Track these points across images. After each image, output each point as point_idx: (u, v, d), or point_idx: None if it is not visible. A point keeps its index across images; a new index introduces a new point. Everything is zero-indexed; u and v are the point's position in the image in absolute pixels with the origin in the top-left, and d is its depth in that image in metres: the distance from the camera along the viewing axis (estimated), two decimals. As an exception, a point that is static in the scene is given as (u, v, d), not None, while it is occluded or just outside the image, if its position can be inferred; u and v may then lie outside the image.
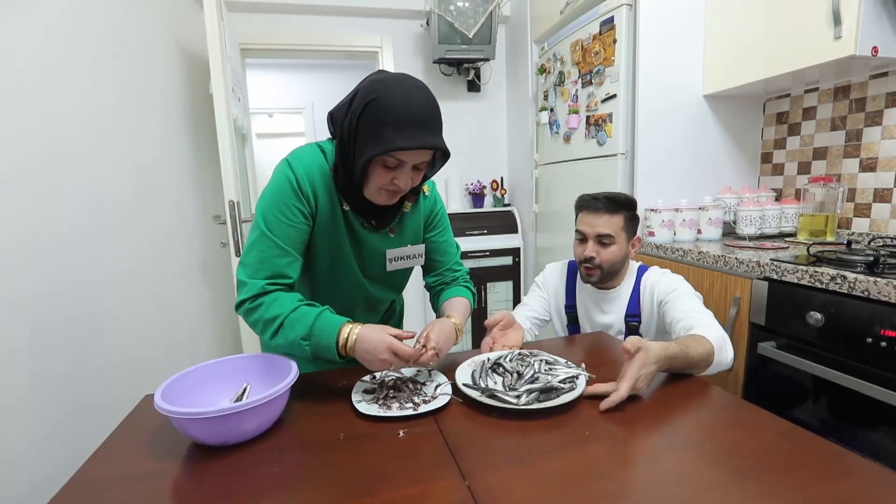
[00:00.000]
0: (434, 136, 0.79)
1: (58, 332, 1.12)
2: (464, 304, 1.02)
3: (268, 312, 0.81)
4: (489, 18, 2.55)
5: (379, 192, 0.84)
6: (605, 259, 1.23)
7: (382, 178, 0.81)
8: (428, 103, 0.79)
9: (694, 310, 1.11)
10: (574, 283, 1.38)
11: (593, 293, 1.33)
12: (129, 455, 0.68)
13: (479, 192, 2.95)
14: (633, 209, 1.26)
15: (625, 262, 1.28)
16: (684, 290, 1.18)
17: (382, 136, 0.76)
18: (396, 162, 0.79)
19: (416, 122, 0.76)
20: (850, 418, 1.12)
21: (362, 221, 0.92)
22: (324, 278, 0.95)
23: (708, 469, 0.60)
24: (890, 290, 0.99)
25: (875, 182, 1.57)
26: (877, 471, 0.57)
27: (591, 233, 1.23)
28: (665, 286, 1.21)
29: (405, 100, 0.76)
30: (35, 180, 1.08)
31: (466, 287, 1.10)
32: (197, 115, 2.14)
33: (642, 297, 1.26)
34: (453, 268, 1.11)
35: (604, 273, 1.24)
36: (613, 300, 1.30)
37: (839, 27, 1.31)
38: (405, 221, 0.98)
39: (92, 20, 1.37)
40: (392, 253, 0.97)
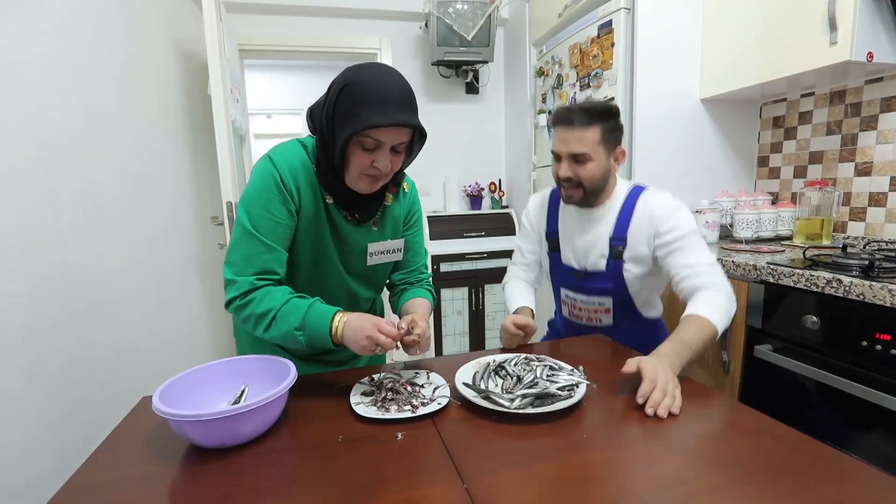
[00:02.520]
0: (409, 114, 0.80)
1: (54, 331, 1.12)
2: (427, 307, 1.02)
3: (260, 307, 0.82)
4: (488, 21, 2.56)
5: (360, 177, 0.84)
6: (583, 177, 1.09)
7: (362, 160, 0.82)
8: (402, 84, 0.81)
9: (700, 263, 1.03)
10: (556, 207, 1.26)
11: (576, 213, 1.20)
12: (127, 458, 0.68)
13: (477, 194, 2.95)
14: (612, 118, 1.10)
15: (608, 178, 1.13)
16: (690, 235, 1.07)
17: (358, 116, 0.77)
18: (374, 143, 0.80)
19: (391, 100, 0.78)
20: (846, 421, 1.12)
21: (345, 215, 0.92)
22: (306, 275, 0.95)
23: (705, 473, 0.60)
24: (885, 294, 1.00)
25: (870, 186, 1.59)
26: (873, 474, 0.58)
27: (565, 151, 1.10)
28: (667, 218, 1.08)
29: (379, 81, 0.78)
30: (31, 180, 1.08)
31: (429, 290, 1.09)
32: (195, 115, 2.14)
33: (634, 220, 1.12)
34: (420, 269, 1.11)
35: (586, 191, 1.12)
36: (598, 219, 1.16)
37: (835, 33, 1.33)
38: (387, 215, 0.99)
39: (90, 21, 1.37)
40: (374, 247, 0.97)
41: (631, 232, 1.13)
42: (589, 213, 1.17)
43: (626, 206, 1.14)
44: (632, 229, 1.12)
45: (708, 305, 0.96)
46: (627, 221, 1.13)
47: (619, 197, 1.16)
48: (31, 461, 1.02)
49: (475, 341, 2.82)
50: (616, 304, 1.18)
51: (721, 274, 1.03)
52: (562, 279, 1.26)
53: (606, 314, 1.20)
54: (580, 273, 1.20)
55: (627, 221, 1.13)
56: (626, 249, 1.13)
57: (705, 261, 1.04)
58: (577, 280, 1.21)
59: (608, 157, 1.11)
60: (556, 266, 1.26)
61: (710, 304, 0.96)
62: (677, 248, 1.06)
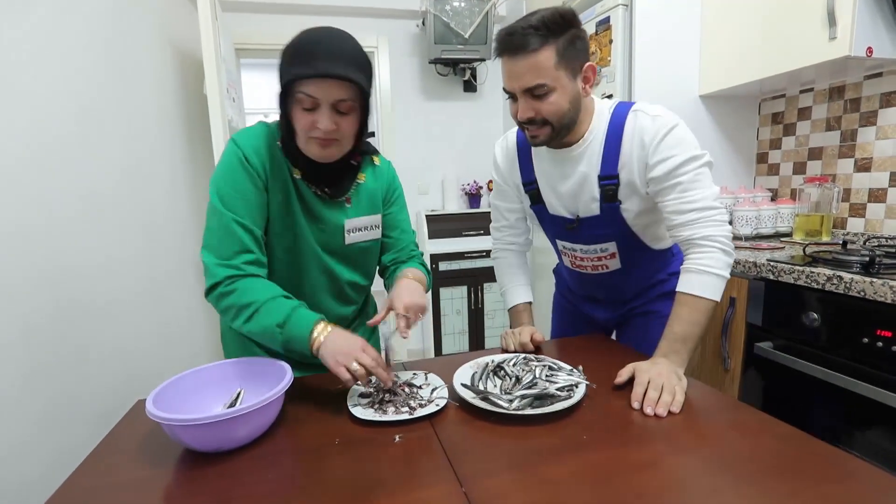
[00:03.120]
0: (339, 65, 0.76)
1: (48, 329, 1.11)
2: (417, 274, 0.99)
3: (243, 298, 0.79)
4: (485, 18, 2.55)
5: (308, 141, 0.82)
6: (548, 112, 0.88)
7: (303, 121, 0.80)
8: (340, 40, 0.78)
9: (693, 206, 0.88)
10: (527, 152, 1.06)
11: (552, 155, 1.00)
12: (121, 462, 0.67)
13: (475, 193, 2.94)
14: (567, 29, 0.84)
15: (579, 107, 0.91)
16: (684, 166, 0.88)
17: (288, 70, 0.77)
18: (310, 100, 0.78)
19: (318, 53, 0.76)
20: (848, 419, 1.12)
21: (315, 190, 0.90)
22: (284, 257, 0.92)
23: (706, 474, 0.59)
24: (886, 291, 0.99)
25: (870, 182, 1.58)
26: (876, 473, 0.57)
27: (517, 87, 0.87)
28: (656, 146, 0.89)
29: (309, 37, 0.77)
30: (25, 178, 1.07)
31: (423, 265, 1.07)
32: (191, 115, 2.13)
33: (624, 150, 0.92)
34: (410, 247, 1.08)
35: (555, 129, 0.90)
36: (578, 158, 0.96)
37: (834, 28, 1.32)
38: (361, 191, 0.97)
39: (85, 19, 1.36)
40: (350, 223, 0.95)
41: (622, 165, 0.93)
42: (566, 154, 0.97)
43: (612, 134, 0.93)
44: (623, 161, 0.93)
45: (699, 276, 0.87)
46: (615, 154, 0.93)
47: (600, 125, 0.94)
48: (24, 463, 1.01)
49: (474, 340, 2.81)
50: (621, 247, 1.03)
51: (716, 218, 0.88)
52: (555, 231, 1.10)
53: (612, 259, 1.05)
54: (573, 222, 1.02)
55: (615, 154, 0.93)
56: (621, 188, 0.94)
57: (699, 204, 0.88)
58: (571, 231, 1.04)
59: (573, 80, 0.87)
60: (544, 219, 1.09)
61: (701, 271, 0.87)
62: (668, 185, 0.89)
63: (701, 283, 0.87)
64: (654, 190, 0.92)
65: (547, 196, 1.05)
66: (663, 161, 0.89)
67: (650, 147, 0.89)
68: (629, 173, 0.93)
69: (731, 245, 0.89)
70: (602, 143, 0.94)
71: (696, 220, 0.89)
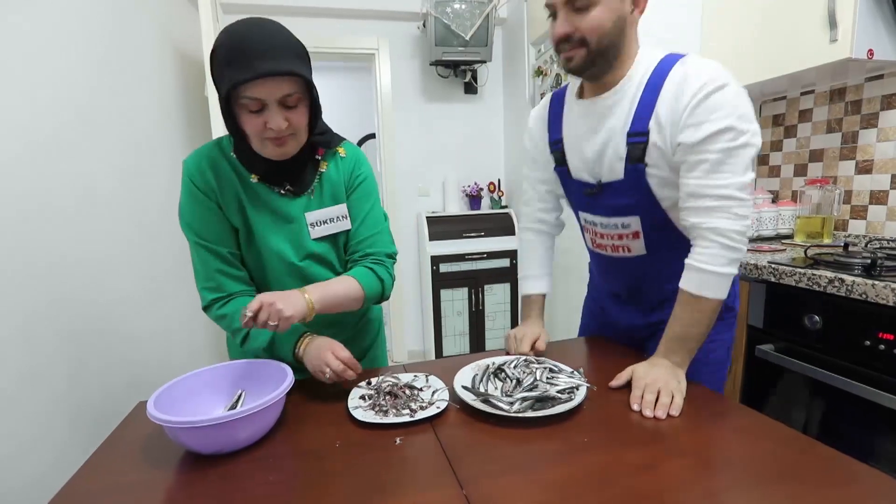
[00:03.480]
0: (279, 62, 0.73)
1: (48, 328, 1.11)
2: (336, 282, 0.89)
3: (233, 324, 0.87)
4: (486, 20, 2.55)
5: (262, 142, 0.80)
6: (587, 29, 0.78)
7: (253, 124, 0.77)
8: (270, 33, 0.74)
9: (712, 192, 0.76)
10: (559, 109, 0.98)
11: (582, 109, 0.91)
12: (122, 464, 0.67)
13: (476, 195, 2.94)
14: None
15: (622, 34, 0.81)
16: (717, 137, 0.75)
17: (225, 76, 0.73)
18: (256, 102, 0.75)
19: (251, 52, 0.72)
20: (850, 422, 1.11)
21: (278, 190, 0.88)
22: (254, 266, 0.92)
23: (706, 477, 0.59)
24: (888, 293, 0.99)
25: (871, 184, 1.58)
26: (878, 477, 0.57)
27: None
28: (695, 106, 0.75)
29: (241, 35, 0.73)
30: (26, 178, 1.07)
31: (370, 269, 0.93)
32: (192, 116, 2.13)
33: (661, 103, 0.79)
34: (367, 242, 0.96)
35: (591, 51, 0.80)
36: (609, 110, 0.85)
37: (835, 30, 1.32)
38: (324, 182, 0.92)
39: (86, 20, 1.36)
40: (313, 216, 0.90)
41: (656, 119, 0.80)
42: (597, 105, 0.87)
43: (651, 85, 0.81)
44: (657, 114, 0.80)
45: (699, 274, 0.80)
46: (650, 108, 0.80)
47: (641, 73, 0.83)
48: (25, 466, 1.01)
49: (475, 342, 2.81)
50: (646, 225, 0.90)
51: (735, 211, 0.77)
52: (577, 200, 1.00)
53: (635, 240, 0.92)
54: (594, 187, 0.91)
55: (650, 108, 0.80)
56: (649, 148, 0.81)
57: (722, 191, 0.76)
58: (591, 197, 0.93)
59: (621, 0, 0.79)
60: (567, 185, 1.00)
61: (700, 269, 0.79)
62: (693, 160, 0.77)
63: (700, 281, 0.80)
64: (680, 160, 0.80)
65: (570, 156, 0.95)
66: (695, 126, 0.76)
67: (687, 105, 0.76)
68: (659, 132, 0.80)
69: (742, 240, 0.79)
70: (638, 94, 0.82)
71: (710, 209, 0.77)
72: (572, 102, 0.94)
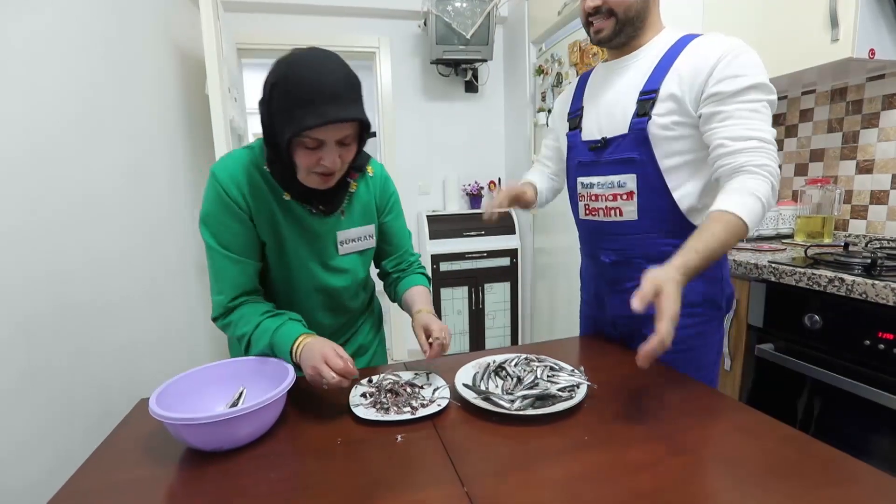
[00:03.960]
0: (346, 108, 0.74)
1: (48, 330, 1.11)
2: (425, 293, 1.03)
3: (237, 331, 0.87)
4: (487, 19, 2.55)
5: (309, 175, 0.81)
6: (615, 1, 0.88)
7: (308, 160, 0.78)
8: (335, 74, 0.74)
9: (752, 136, 0.80)
10: (586, 79, 1.06)
11: (606, 69, 0.99)
12: (124, 461, 0.67)
13: (476, 193, 2.95)
14: None
15: (647, 6, 0.90)
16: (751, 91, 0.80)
17: (292, 118, 0.73)
18: (315, 142, 0.76)
19: (324, 97, 0.72)
20: (850, 421, 1.12)
21: (309, 208, 0.89)
22: (278, 278, 0.93)
23: (706, 475, 0.59)
24: (888, 293, 0.99)
25: (871, 184, 1.58)
26: (878, 476, 0.57)
27: None
28: (727, 63, 0.81)
29: (310, 76, 0.73)
30: (25, 178, 1.07)
31: (423, 274, 1.10)
32: (192, 115, 2.13)
33: (678, 65, 0.86)
34: (409, 253, 1.10)
35: (619, 20, 0.89)
36: (628, 67, 0.94)
37: (836, 29, 1.32)
38: (354, 202, 0.96)
39: (86, 19, 1.36)
40: (343, 235, 0.95)
41: (675, 74, 0.86)
42: (618, 64, 0.95)
43: (671, 52, 0.88)
44: (677, 69, 0.86)
45: (743, 196, 0.77)
46: (666, 70, 0.87)
47: (664, 42, 0.91)
48: (26, 464, 1.01)
49: (475, 340, 2.82)
50: (641, 184, 0.92)
51: (775, 157, 0.81)
52: (578, 163, 1.04)
53: (628, 201, 0.94)
54: (599, 142, 0.96)
55: (666, 70, 0.87)
56: (658, 101, 0.87)
57: (759, 135, 0.80)
58: (593, 153, 0.98)
59: None
60: (573, 147, 1.05)
61: (749, 193, 0.77)
62: (729, 109, 0.81)
63: (744, 203, 0.76)
64: (712, 110, 0.82)
65: (586, 117, 1.01)
66: (735, 77, 0.80)
67: (721, 59, 0.81)
68: (677, 84, 0.85)
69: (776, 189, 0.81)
70: (656, 60, 0.89)
71: (755, 149, 0.79)
72: (598, 71, 1.03)
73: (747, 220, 0.76)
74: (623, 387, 0.83)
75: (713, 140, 0.83)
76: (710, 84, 0.82)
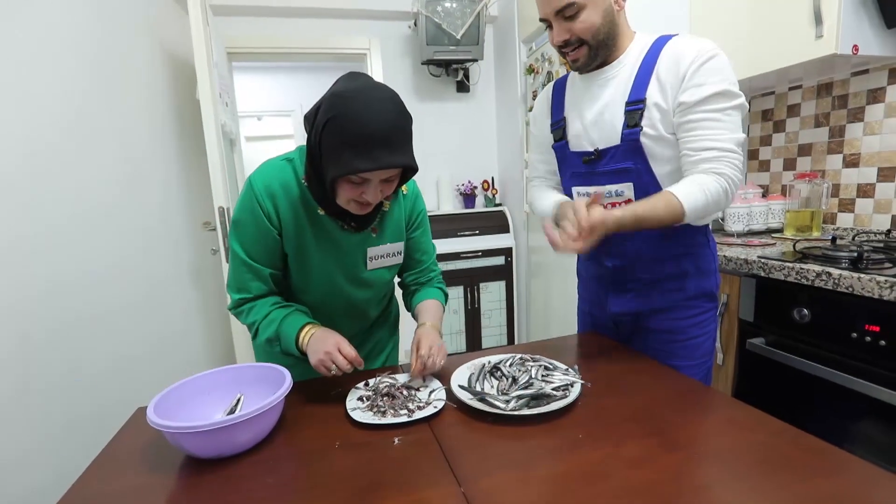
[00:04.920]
0: (396, 154, 0.76)
1: (45, 339, 1.11)
2: (436, 307, 1.06)
3: (248, 319, 0.92)
4: (477, 19, 2.55)
5: (349, 203, 0.83)
6: (581, 31, 0.89)
7: (351, 193, 0.81)
8: (388, 119, 0.75)
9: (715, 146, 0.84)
10: (562, 90, 1.06)
11: (584, 82, 0.99)
12: (123, 470, 0.68)
13: (470, 193, 2.95)
14: None
15: (613, 24, 0.91)
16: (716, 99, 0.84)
17: (342, 157, 0.75)
18: (361, 179, 0.79)
19: (376, 141, 0.74)
20: (839, 412, 1.14)
21: (342, 224, 0.91)
22: (300, 287, 0.96)
23: (699, 470, 0.60)
24: (873, 286, 1.01)
25: (858, 178, 1.60)
26: (866, 467, 0.59)
27: (549, 12, 0.90)
28: (695, 70, 0.84)
29: (365, 118, 0.73)
30: (18, 186, 1.07)
31: (440, 289, 1.13)
32: (183, 120, 2.12)
33: (658, 72, 0.88)
34: (431, 267, 1.13)
35: (592, 48, 0.91)
36: (608, 81, 0.95)
37: (821, 26, 1.34)
38: (386, 220, 0.98)
39: (75, 25, 1.36)
40: (373, 251, 0.97)
41: (656, 80, 0.89)
42: (597, 76, 0.96)
43: (647, 60, 0.91)
44: (657, 76, 0.88)
45: (691, 187, 0.84)
46: (647, 79, 0.89)
47: (637, 51, 0.93)
48: (26, 474, 1.01)
49: (471, 340, 2.83)
50: (638, 192, 0.94)
51: (735, 165, 0.86)
52: (573, 172, 1.04)
53: None
54: (592, 154, 0.97)
55: (647, 79, 0.89)
56: (646, 111, 0.89)
57: (719, 144, 0.84)
58: (588, 165, 0.99)
59: None
60: (564, 159, 1.06)
61: (699, 186, 0.84)
62: (693, 118, 0.85)
63: (690, 192, 0.84)
64: (679, 120, 0.87)
65: (571, 129, 1.02)
66: (697, 87, 0.84)
67: (688, 68, 0.85)
68: (660, 94, 0.88)
69: (732, 197, 0.88)
70: (636, 68, 0.92)
71: (715, 158, 0.85)
72: (574, 83, 1.04)
73: (687, 208, 0.83)
74: (616, 384, 0.84)
75: (681, 149, 0.89)
76: (681, 92, 0.86)
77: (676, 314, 1.01)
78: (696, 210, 0.84)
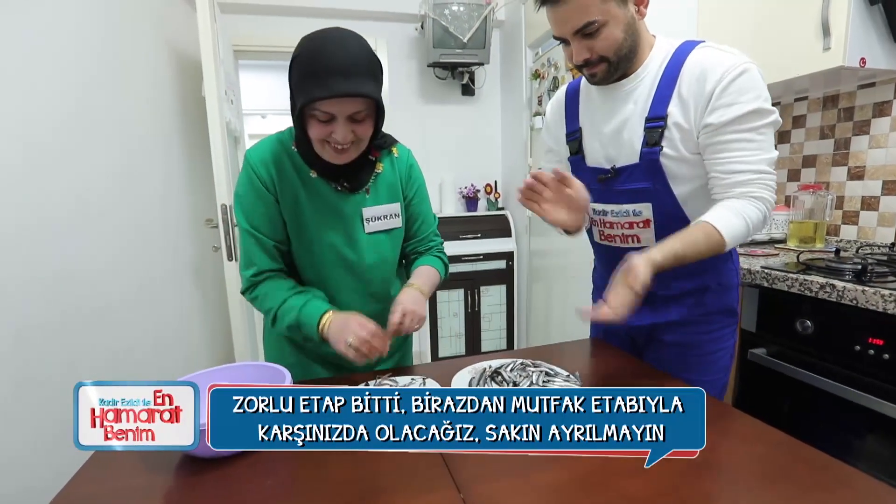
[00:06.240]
0: (351, 82, 0.77)
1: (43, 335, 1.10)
2: (430, 271, 1.04)
3: (264, 305, 0.93)
4: (483, 23, 2.56)
5: (323, 147, 0.85)
6: (602, 49, 0.82)
7: (318, 131, 0.82)
8: (348, 52, 0.78)
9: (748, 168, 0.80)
10: (576, 99, 1.00)
11: (601, 94, 0.93)
12: (120, 469, 0.67)
13: (472, 196, 2.95)
14: None
15: (634, 34, 0.84)
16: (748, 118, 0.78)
17: (303, 89, 0.78)
18: (326, 115, 0.80)
19: (333, 70, 0.76)
20: (841, 426, 1.13)
21: (335, 186, 0.93)
22: (305, 258, 0.96)
23: (699, 480, 0.60)
24: (877, 299, 1.00)
25: (863, 190, 1.60)
26: (868, 481, 0.58)
27: (568, 32, 0.82)
28: (724, 88, 0.78)
29: (326, 51, 0.77)
30: (19, 181, 1.07)
31: (439, 257, 1.11)
32: (188, 117, 2.12)
33: (680, 89, 0.82)
34: (430, 237, 1.12)
35: (612, 63, 0.84)
36: (627, 96, 0.88)
37: (828, 38, 1.34)
38: (379, 182, 0.99)
39: (80, 21, 1.36)
40: (369, 212, 0.97)
41: (678, 99, 0.82)
42: (616, 90, 0.89)
43: (669, 71, 0.84)
44: (679, 93, 0.82)
45: (732, 217, 0.79)
46: (669, 93, 0.83)
47: (658, 61, 0.86)
48: (22, 471, 1.00)
49: (471, 344, 2.82)
50: (657, 214, 0.89)
51: (770, 186, 0.82)
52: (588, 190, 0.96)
53: (645, 228, 0.92)
54: (609, 172, 0.92)
55: (669, 93, 0.83)
56: (667, 130, 0.84)
57: (753, 167, 0.80)
58: (604, 184, 0.94)
59: (624, 6, 0.81)
60: (579, 174, 0.97)
61: (739, 214, 0.79)
62: (724, 139, 0.80)
63: (729, 221, 0.78)
64: (707, 141, 0.82)
65: (588, 142, 0.96)
66: (726, 107, 0.78)
67: (715, 87, 0.78)
68: (681, 113, 0.82)
69: (768, 215, 0.83)
70: (656, 81, 0.85)
71: (750, 181, 0.80)
72: (589, 91, 0.96)
73: (727, 237, 0.78)
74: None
75: (710, 171, 0.84)
76: (708, 113, 0.80)
77: (693, 328, 0.97)
78: (737, 240, 0.80)
